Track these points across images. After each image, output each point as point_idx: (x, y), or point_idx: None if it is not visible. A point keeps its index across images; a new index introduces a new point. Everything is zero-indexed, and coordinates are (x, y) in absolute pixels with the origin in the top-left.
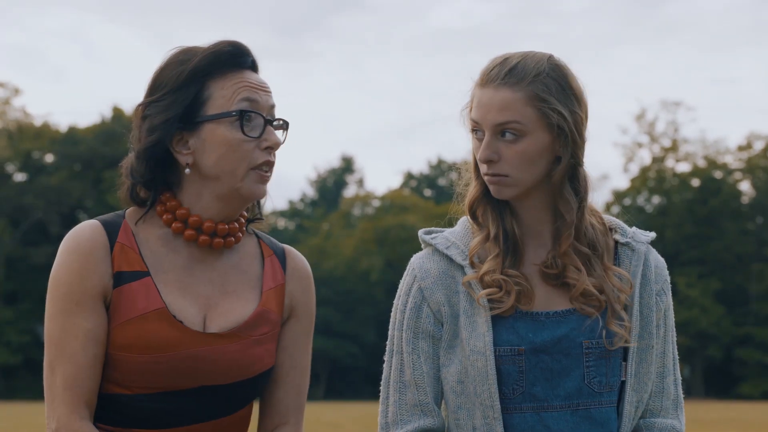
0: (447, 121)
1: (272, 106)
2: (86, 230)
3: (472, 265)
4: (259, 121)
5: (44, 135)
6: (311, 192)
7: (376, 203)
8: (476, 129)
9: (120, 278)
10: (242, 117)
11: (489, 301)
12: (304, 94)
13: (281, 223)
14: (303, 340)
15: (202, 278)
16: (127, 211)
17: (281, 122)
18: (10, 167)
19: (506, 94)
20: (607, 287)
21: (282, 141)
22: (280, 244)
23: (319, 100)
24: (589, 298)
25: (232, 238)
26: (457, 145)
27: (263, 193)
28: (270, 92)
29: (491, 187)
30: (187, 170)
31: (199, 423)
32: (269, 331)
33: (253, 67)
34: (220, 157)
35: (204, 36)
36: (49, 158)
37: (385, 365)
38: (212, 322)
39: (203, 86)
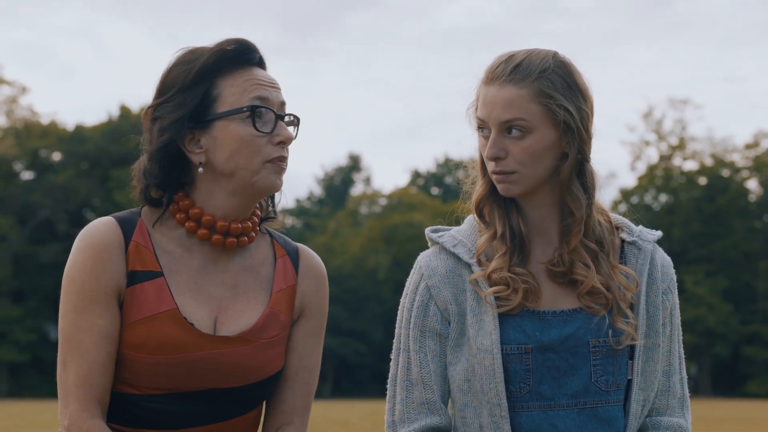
0: (454, 119)
1: (282, 103)
2: (101, 227)
3: (479, 263)
4: (270, 117)
5: (51, 133)
6: (318, 190)
7: (383, 201)
8: (482, 127)
9: (134, 277)
10: (254, 113)
11: (496, 299)
12: (313, 92)
13: (289, 221)
14: (313, 340)
15: (215, 279)
16: (143, 209)
17: (292, 118)
18: (17, 166)
19: (511, 91)
20: (613, 285)
21: (294, 136)
22: (294, 243)
23: (327, 98)
24: (596, 297)
25: (245, 238)
26: (465, 143)
27: (279, 185)
28: (279, 89)
29: (499, 185)
30: (200, 169)
31: (208, 425)
32: (279, 334)
33: (261, 64)
34: (233, 153)
35: (214, 34)
36: (56, 156)
37: (392, 363)
38: (223, 325)
39: (212, 84)
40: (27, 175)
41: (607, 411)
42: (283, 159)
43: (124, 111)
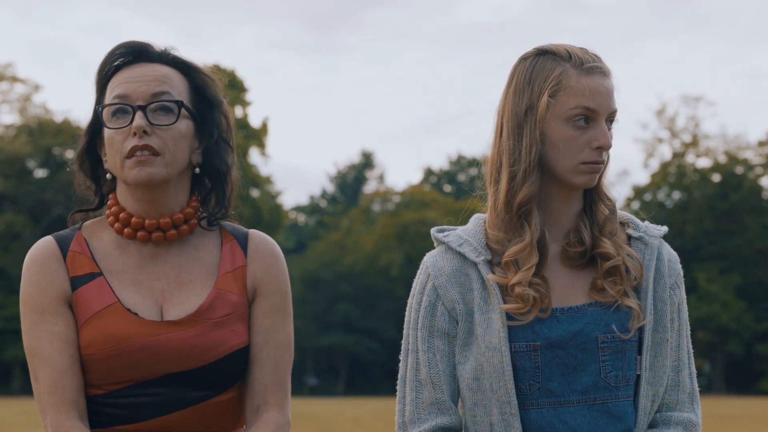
0: (469, 116)
1: (154, 94)
2: (40, 246)
3: (506, 265)
4: (126, 110)
5: (65, 131)
6: (331, 188)
7: (396, 199)
8: (582, 116)
9: (76, 282)
10: (102, 113)
11: (510, 312)
12: (332, 89)
13: (301, 218)
14: (274, 317)
15: (156, 273)
16: (84, 224)
17: (163, 104)
18: (30, 163)
19: (611, 82)
20: (622, 267)
21: (169, 123)
22: (244, 229)
23: (345, 95)
24: (612, 281)
25: (174, 231)
26: (479, 139)
27: (143, 178)
28: (150, 80)
29: (586, 176)
30: (108, 175)
31: (180, 410)
32: (231, 313)
33: (148, 58)
34: (110, 155)
35: (234, 31)
36: (70, 154)
37: (401, 364)
38: (169, 312)
39: (102, 93)
40: (40, 173)
41: (617, 406)
42: (138, 148)
43: None
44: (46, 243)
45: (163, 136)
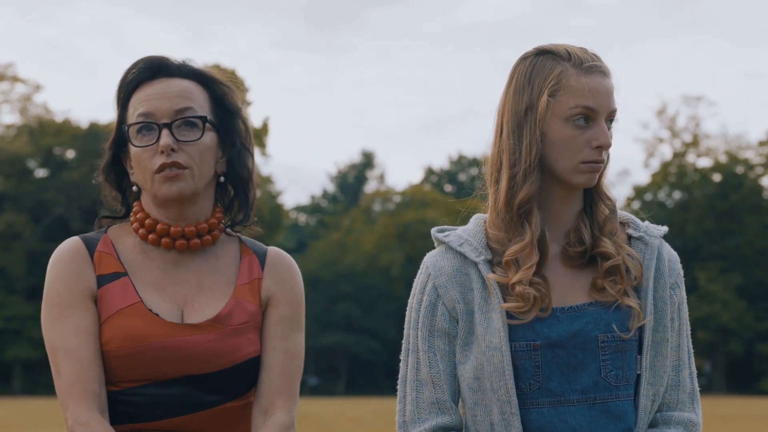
0: (469, 116)
1: (177, 110)
2: (67, 244)
3: (506, 264)
4: (151, 129)
5: (65, 131)
6: (332, 187)
7: (397, 198)
8: (582, 115)
9: (101, 280)
10: (128, 131)
11: (510, 311)
12: (333, 89)
13: (302, 218)
14: (283, 324)
15: (178, 278)
16: (110, 228)
17: (188, 120)
18: (31, 163)
19: (611, 82)
20: (622, 267)
21: (195, 139)
22: (264, 246)
23: (347, 95)
24: (612, 280)
25: (197, 240)
26: (479, 139)
27: (173, 193)
28: (173, 96)
29: (586, 175)
30: (134, 187)
31: (193, 413)
32: (248, 321)
33: (168, 72)
34: (137, 171)
35: (236, 30)
36: (70, 154)
37: (401, 364)
38: (189, 316)
39: (124, 108)
40: (41, 173)
41: (617, 406)
42: (168, 165)
43: None
44: (73, 242)
45: (190, 152)
